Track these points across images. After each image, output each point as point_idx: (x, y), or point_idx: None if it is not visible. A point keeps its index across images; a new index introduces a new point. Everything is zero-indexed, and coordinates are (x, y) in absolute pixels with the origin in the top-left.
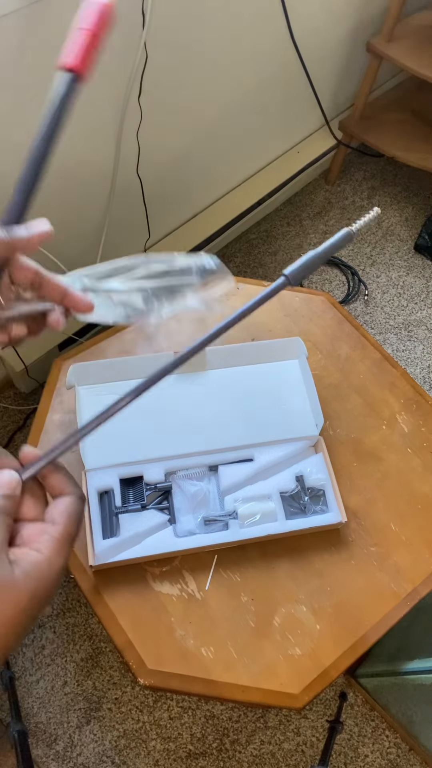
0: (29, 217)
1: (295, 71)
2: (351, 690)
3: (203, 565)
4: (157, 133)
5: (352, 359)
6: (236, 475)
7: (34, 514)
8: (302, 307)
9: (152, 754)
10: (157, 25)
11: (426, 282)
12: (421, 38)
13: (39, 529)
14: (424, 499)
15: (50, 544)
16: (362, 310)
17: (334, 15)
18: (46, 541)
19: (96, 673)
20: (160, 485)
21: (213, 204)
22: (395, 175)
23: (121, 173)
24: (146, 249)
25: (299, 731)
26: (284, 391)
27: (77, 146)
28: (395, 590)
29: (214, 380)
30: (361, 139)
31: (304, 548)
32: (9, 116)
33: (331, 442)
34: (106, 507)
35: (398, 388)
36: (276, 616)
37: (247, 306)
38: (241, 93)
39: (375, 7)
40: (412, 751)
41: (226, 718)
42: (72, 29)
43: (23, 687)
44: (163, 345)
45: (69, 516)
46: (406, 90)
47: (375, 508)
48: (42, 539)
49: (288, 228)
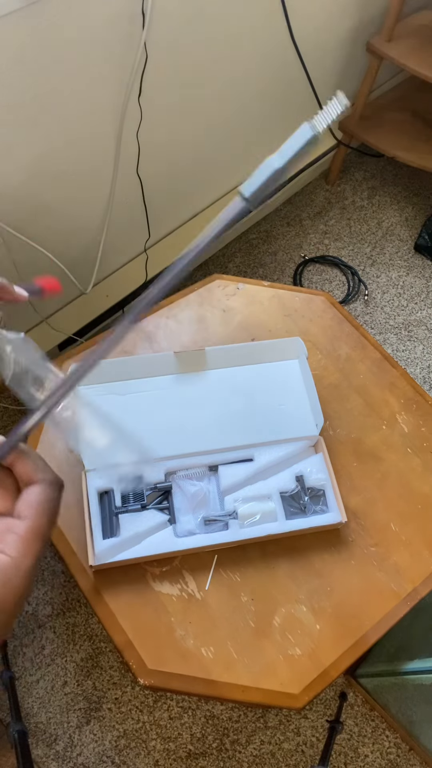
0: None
1: (295, 71)
2: (351, 690)
3: (203, 565)
4: (157, 133)
5: (352, 359)
6: (236, 475)
7: (3, 507)
8: (302, 307)
9: (152, 754)
10: (157, 25)
11: (426, 282)
12: (421, 38)
13: (4, 527)
14: (424, 499)
15: (16, 544)
16: (362, 310)
17: (334, 15)
18: (11, 541)
19: (96, 673)
20: (160, 485)
21: (213, 204)
22: (395, 175)
23: (121, 173)
24: (146, 249)
25: (299, 731)
26: (284, 391)
27: (77, 146)
28: (395, 590)
29: (214, 380)
30: (361, 139)
31: (304, 548)
32: (9, 116)
33: (331, 442)
34: (106, 507)
35: (398, 388)
36: (276, 616)
37: (198, 243)
38: (241, 93)
39: (375, 7)
40: (412, 751)
41: (226, 718)
42: None
43: (23, 687)
44: (163, 345)
45: (37, 508)
46: (406, 90)
47: (375, 508)
48: (7, 539)
49: (288, 228)
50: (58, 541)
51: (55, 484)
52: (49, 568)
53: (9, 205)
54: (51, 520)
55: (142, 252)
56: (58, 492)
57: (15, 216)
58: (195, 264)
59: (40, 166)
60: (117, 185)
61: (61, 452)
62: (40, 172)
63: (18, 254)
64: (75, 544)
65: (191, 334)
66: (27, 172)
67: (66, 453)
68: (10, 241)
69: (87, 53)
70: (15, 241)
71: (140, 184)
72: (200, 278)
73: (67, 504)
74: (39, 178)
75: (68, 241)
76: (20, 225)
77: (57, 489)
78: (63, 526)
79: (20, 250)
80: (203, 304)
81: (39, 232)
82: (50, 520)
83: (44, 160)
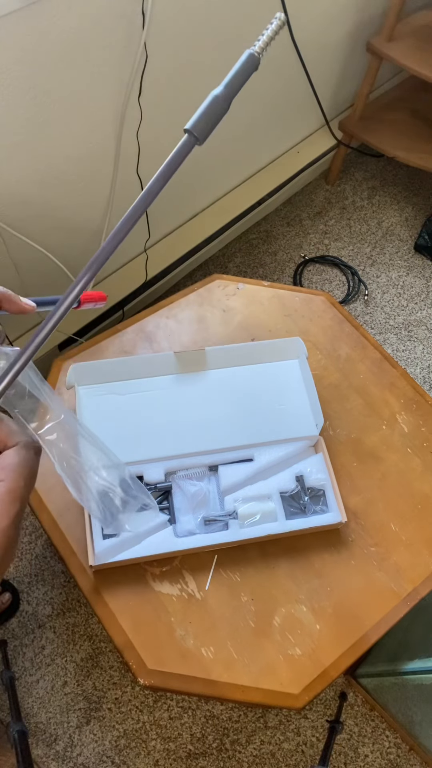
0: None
1: (295, 71)
2: (351, 690)
3: (203, 565)
4: (157, 133)
5: (352, 359)
6: (236, 475)
7: None
8: (302, 307)
9: (152, 754)
10: (157, 25)
11: (426, 282)
12: (421, 38)
13: None
14: (424, 499)
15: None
16: (362, 310)
17: (334, 15)
18: None
19: (96, 673)
20: (160, 485)
21: (213, 204)
22: (395, 175)
23: (121, 173)
24: (146, 249)
25: (299, 731)
26: (284, 391)
27: (77, 146)
28: (395, 590)
29: (214, 380)
30: (361, 139)
31: (304, 548)
32: (8, 116)
33: (331, 442)
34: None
35: (398, 388)
36: (276, 616)
37: (153, 182)
38: (241, 93)
39: (375, 7)
40: (412, 751)
41: (226, 718)
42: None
43: (23, 687)
44: (163, 345)
45: (14, 470)
46: (406, 90)
47: (375, 508)
48: None
49: (288, 228)
50: (58, 541)
51: (30, 447)
52: (49, 568)
53: (9, 205)
54: (28, 483)
55: (142, 252)
56: (33, 454)
57: (15, 216)
58: (147, 205)
59: (40, 166)
60: (117, 185)
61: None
62: (40, 172)
63: (18, 254)
64: (75, 544)
65: (191, 334)
66: (27, 172)
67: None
68: (10, 241)
69: (87, 53)
70: (15, 241)
71: (140, 184)
72: (200, 278)
73: (67, 504)
74: (39, 178)
75: (68, 241)
76: (20, 225)
77: (33, 451)
78: (63, 526)
79: (20, 250)
80: (203, 304)
81: (39, 232)
82: (27, 482)
83: (44, 160)
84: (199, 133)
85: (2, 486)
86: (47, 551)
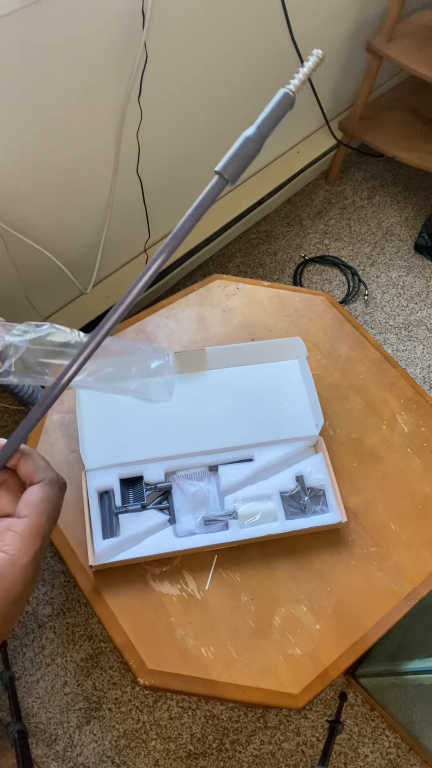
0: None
1: (295, 71)
2: (351, 690)
3: (203, 565)
4: (157, 133)
5: (352, 359)
6: (236, 475)
7: (10, 509)
8: (302, 307)
9: (152, 754)
10: (157, 25)
11: (426, 282)
12: (421, 38)
13: (4, 526)
14: (424, 499)
15: (13, 541)
16: (362, 310)
17: (334, 15)
18: (9, 538)
19: (96, 673)
20: (160, 485)
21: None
22: (395, 175)
23: (121, 173)
24: (146, 249)
25: (299, 731)
26: (284, 391)
27: (77, 146)
28: (395, 590)
29: (214, 380)
30: (361, 139)
31: (304, 548)
32: (9, 116)
33: (331, 442)
34: (106, 507)
35: (398, 388)
36: (276, 616)
37: (181, 225)
38: (241, 93)
39: (375, 7)
40: (412, 751)
41: (226, 718)
42: None
43: (23, 687)
44: (163, 345)
45: (37, 507)
46: (406, 90)
47: (375, 508)
48: (5, 537)
49: (288, 228)
50: (58, 541)
51: (54, 483)
52: (49, 568)
53: (9, 205)
54: (50, 519)
55: (142, 252)
56: (58, 491)
57: (15, 216)
58: (178, 244)
59: (40, 166)
60: (117, 185)
61: (61, 452)
62: (40, 172)
63: (18, 254)
64: (75, 544)
65: (191, 334)
66: (27, 171)
67: (66, 453)
68: (10, 241)
69: (87, 53)
70: (15, 241)
71: (140, 184)
72: (200, 278)
73: (67, 504)
74: (39, 178)
75: (68, 241)
76: (20, 225)
77: (57, 488)
78: (63, 526)
79: (20, 250)
80: (203, 304)
81: (39, 232)
82: (50, 519)
83: (44, 160)
84: (230, 175)
85: (25, 522)
86: (47, 551)
